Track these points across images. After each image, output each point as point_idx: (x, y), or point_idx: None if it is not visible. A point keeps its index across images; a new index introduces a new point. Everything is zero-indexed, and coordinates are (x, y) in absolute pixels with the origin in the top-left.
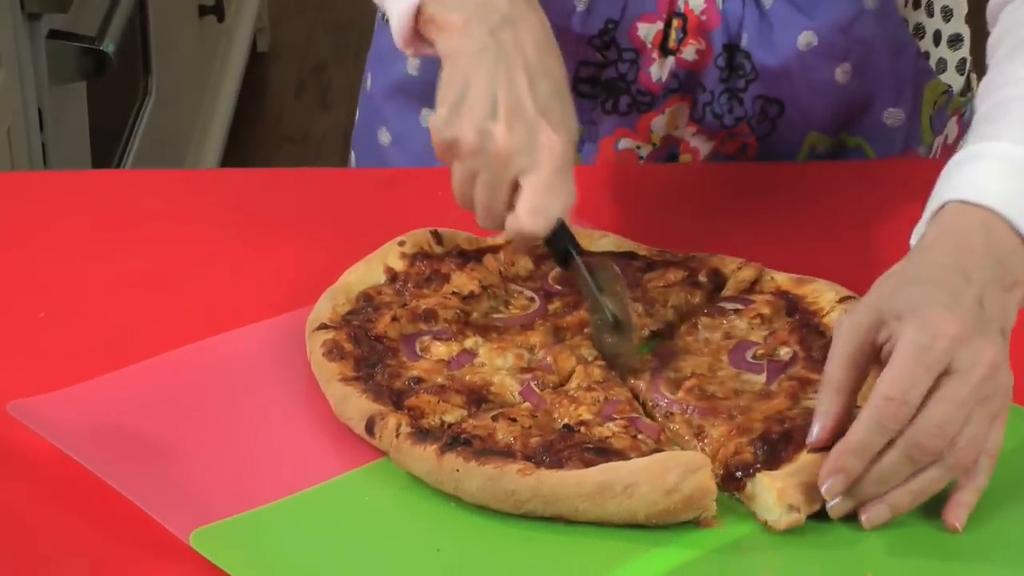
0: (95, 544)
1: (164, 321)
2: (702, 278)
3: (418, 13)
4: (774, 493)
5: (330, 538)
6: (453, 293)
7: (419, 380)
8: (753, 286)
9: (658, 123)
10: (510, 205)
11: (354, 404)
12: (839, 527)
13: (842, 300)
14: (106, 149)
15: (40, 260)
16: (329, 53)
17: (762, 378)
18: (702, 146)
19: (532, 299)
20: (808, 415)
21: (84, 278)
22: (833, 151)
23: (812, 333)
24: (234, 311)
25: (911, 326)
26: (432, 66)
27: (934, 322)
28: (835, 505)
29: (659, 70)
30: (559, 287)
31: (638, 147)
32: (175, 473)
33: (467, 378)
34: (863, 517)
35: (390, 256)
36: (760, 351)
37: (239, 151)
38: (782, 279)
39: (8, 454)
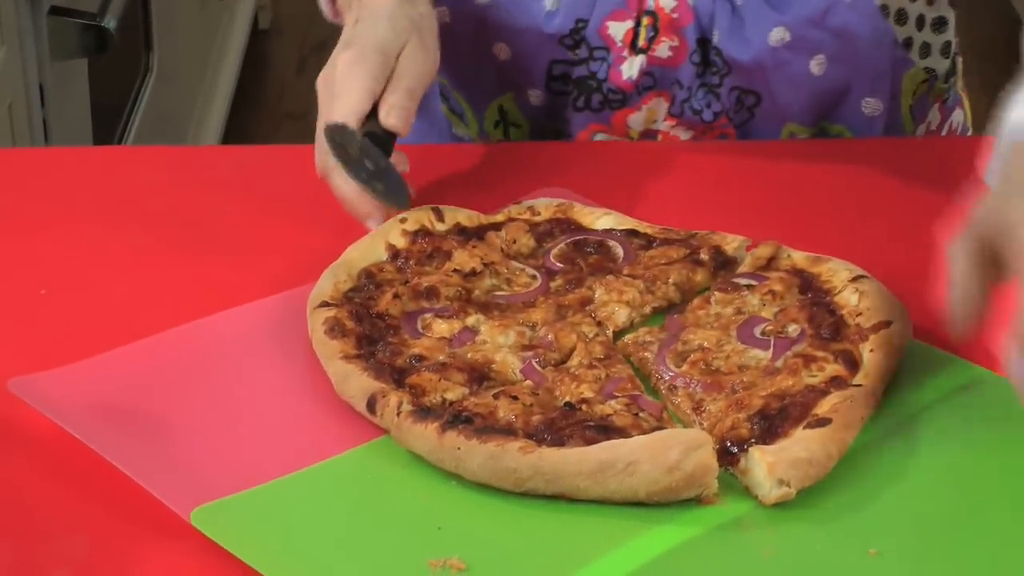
0: (95, 521)
1: (165, 298)
2: (703, 256)
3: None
4: (764, 467)
5: (331, 516)
6: (455, 270)
7: (420, 358)
8: (770, 263)
9: (636, 119)
10: None
11: (355, 382)
12: (840, 504)
13: (855, 279)
14: (107, 125)
15: (41, 237)
16: (331, 30)
17: (768, 354)
18: (681, 134)
19: (534, 276)
20: (808, 392)
21: (85, 255)
22: (814, 139)
23: (822, 311)
24: (235, 288)
25: None
26: None
27: None
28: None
29: (630, 68)
30: (560, 264)
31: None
32: (176, 451)
33: (468, 356)
34: None
35: (392, 233)
36: (769, 327)
37: (240, 128)
38: (798, 257)
39: (9, 431)
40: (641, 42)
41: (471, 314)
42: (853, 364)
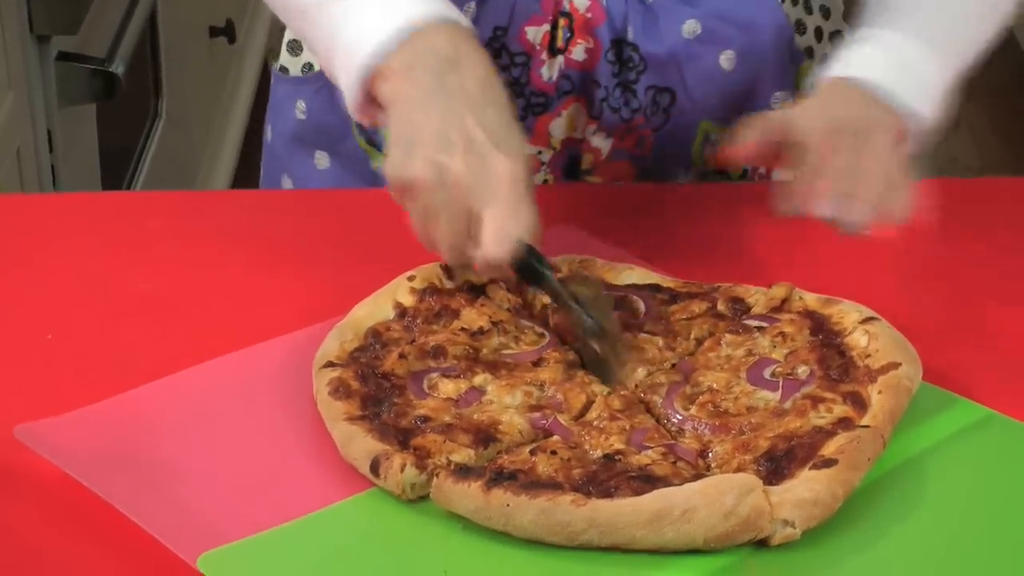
0: (102, 568)
1: (173, 342)
2: (722, 308)
3: (370, 76)
4: (769, 508)
5: (337, 561)
6: (462, 329)
7: (426, 419)
8: (783, 304)
9: (556, 126)
10: (473, 236)
11: (359, 444)
12: (845, 544)
13: (865, 320)
14: (116, 170)
15: (48, 281)
16: None
17: (777, 396)
18: (602, 144)
19: (542, 334)
20: (815, 433)
21: (92, 299)
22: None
23: (832, 352)
24: (243, 332)
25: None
26: (318, 109)
27: None
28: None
29: (549, 70)
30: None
31: (539, 152)
32: (182, 496)
33: (475, 417)
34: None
35: (399, 291)
36: (779, 369)
37: (250, 173)
38: (810, 299)
39: (15, 478)
40: (559, 43)
41: (478, 373)
42: (861, 405)
